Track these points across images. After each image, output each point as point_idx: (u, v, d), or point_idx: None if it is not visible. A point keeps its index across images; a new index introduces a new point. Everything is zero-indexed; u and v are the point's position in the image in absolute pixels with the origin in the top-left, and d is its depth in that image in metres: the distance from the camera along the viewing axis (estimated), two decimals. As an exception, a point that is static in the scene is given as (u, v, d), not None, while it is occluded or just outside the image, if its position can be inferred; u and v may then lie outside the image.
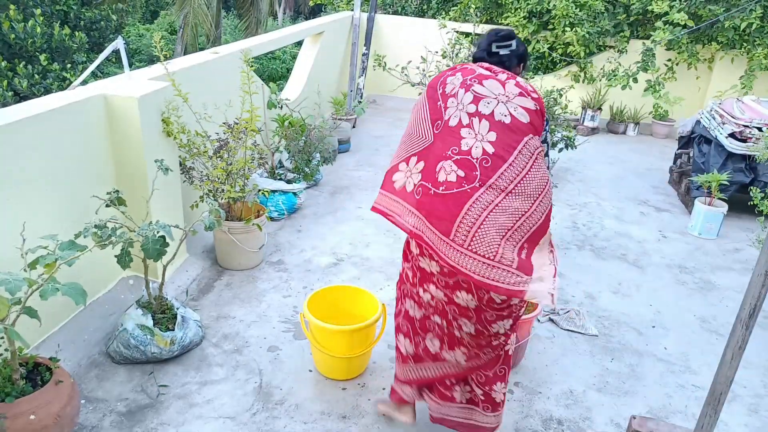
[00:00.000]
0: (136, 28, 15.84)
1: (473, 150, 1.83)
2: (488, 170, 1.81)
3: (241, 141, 3.35)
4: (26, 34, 7.34)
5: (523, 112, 1.87)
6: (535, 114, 1.89)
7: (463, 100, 1.90)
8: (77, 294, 1.91)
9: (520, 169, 1.83)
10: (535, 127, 1.89)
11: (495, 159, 1.82)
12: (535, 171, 1.85)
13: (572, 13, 6.73)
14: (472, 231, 1.75)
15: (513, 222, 1.78)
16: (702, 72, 7.06)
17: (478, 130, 1.85)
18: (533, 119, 1.88)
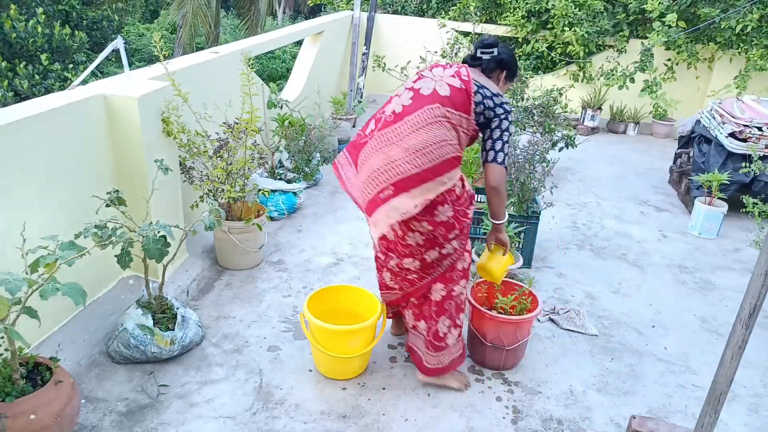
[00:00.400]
0: (136, 28, 15.84)
1: (387, 110, 2.33)
2: (387, 124, 2.28)
3: (241, 141, 3.35)
4: (27, 34, 7.34)
5: (445, 87, 2.27)
6: (458, 91, 2.26)
7: (410, 80, 2.39)
8: (77, 294, 1.91)
9: (412, 126, 2.22)
10: (453, 102, 2.25)
11: (396, 117, 2.27)
12: (425, 131, 2.21)
13: (571, 12, 6.72)
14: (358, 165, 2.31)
15: (381, 165, 2.21)
16: (702, 72, 7.05)
17: (401, 97, 2.32)
18: (454, 94, 2.26)
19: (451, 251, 2.42)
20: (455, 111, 2.27)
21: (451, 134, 2.27)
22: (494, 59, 2.40)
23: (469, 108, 2.29)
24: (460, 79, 2.30)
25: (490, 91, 2.34)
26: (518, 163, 3.62)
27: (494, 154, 2.35)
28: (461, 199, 2.39)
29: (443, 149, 2.23)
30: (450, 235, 2.37)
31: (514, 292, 2.81)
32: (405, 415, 2.45)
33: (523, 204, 3.57)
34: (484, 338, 2.68)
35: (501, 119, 2.33)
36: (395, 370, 2.72)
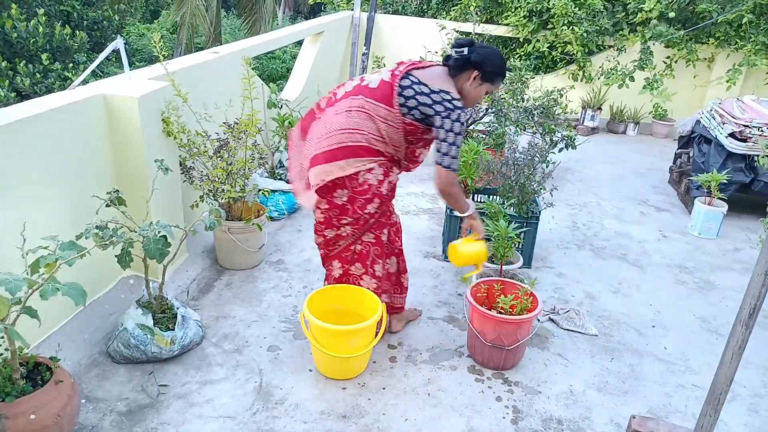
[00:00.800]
0: (137, 28, 15.85)
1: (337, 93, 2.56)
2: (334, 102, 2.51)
3: (241, 141, 3.35)
4: (28, 34, 7.34)
5: (377, 80, 2.46)
6: (384, 84, 2.44)
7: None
8: (77, 294, 1.92)
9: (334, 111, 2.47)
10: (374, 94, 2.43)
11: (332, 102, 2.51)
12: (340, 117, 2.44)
13: (571, 11, 6.73)
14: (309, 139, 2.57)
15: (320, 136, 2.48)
16: (701, 71, 7.05)
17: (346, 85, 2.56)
18: (380, 87, 2.43)
19: (345, 235, 2.60)
20: (375, 101, 2.41)
21: (366, 124, 2.42)
22: (463, 58, 2.42)
23: (391, 100, 2.40)
24: (392, 74, 2.44)
25: (430, 87, 2.39)
26: (518, 165, 3.62)
27: (440, 156, 2.41)
28: (362, 190, 2.47)
29: (351, 136, 2.41)
30: (343, 219, 2.54)
31: (514, 292, 2.81)
32: (405, 415, 2.45)
33: (523, 205, 3.57)
34: (485, 338, 2.68)
35: (442, 117, 2.37)
36: (395, 370, 2.72)
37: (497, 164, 3.71)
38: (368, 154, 2.45)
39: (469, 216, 2.66)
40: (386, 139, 2.48)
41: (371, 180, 2.48)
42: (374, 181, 2.49)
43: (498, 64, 2.47)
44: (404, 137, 2.51)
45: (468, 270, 2.73)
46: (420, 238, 4.08)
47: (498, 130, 5.02)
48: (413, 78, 2.42)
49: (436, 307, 3.26)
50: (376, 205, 2.53)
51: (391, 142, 2.50)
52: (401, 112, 2.43)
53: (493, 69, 2.46)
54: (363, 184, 2.47)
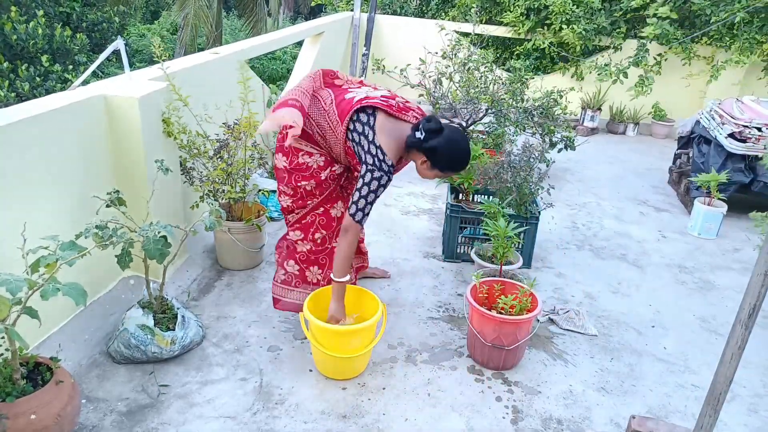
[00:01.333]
0: (137, 29, 15.86)
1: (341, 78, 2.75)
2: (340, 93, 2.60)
3: (241, 141, 3.35)
4: (28, 36, 7.35)
5: (356, 93, 2.53)
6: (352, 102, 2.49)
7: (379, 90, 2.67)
8: (78, 294, 1.92)
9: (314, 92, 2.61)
10: (341, 101, 2.53)
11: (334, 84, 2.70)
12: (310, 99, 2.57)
13: (569, 9, 6.74)
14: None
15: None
16: (701, 71, 7.06)
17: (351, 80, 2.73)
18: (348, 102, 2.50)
19: (284, 206, 2.74)
20: (335, 107, 2.50)
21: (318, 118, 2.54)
22: (416, 143, 2.43)
23: (344, 118, 2.46)
24: (357, 99, 2.46)
25: (375, 137, 2.40)
26: (515, 168, 3.62)
27: (351, 203, 2.45)
28: (301, 168, 2.63)
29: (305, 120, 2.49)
30: (281, 184, 2.71)
31: (514, 293, 2.81)
32: (405, 415, 2.45)
33: (521, 206, 3.57)
34: (485, 338, 2.68)
35: (366, 169, 2.39)
36: (395, 370, 2.73)
37: (494, 169, 3.70)
38: (311, 141, 2.59)
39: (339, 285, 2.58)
40: (326, 141, 2.56)
41: (310, 163, 2.63)
42: (313, 165, 2.63)
43: (449, 161, 2.47)
44: (345, 155, 2.56)
45: None
46: (420, 238, 4.09)
47: (497, 131, 5.02)
48: (372, 118, 2.44)
49: (436, 307, 3.26)
50: (311, 185, 2.65)
51: (330, 147, 2.57)
52: (346, 135, 2.49)
53: (441, 164, 2.47)
54: (301, 164, 2.63)
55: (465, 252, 3.76)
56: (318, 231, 2.77)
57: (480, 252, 3.48)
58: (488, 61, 5.32)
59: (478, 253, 3.47)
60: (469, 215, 3.63)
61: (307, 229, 2.77)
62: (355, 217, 2.45)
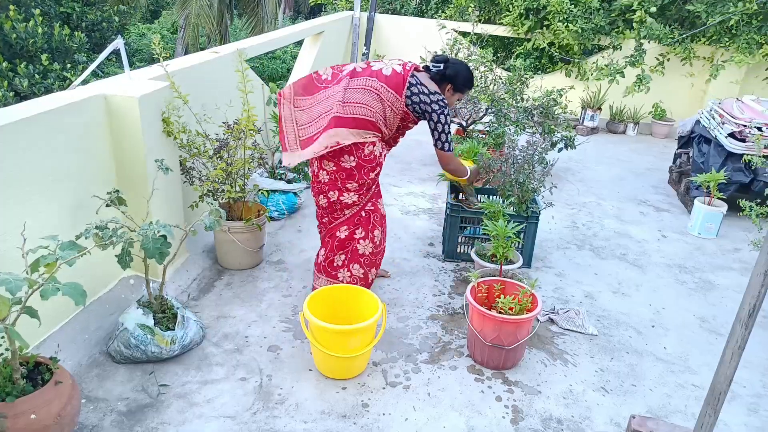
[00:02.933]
0: (137, 28, 15.85)
1: (345, 69, 2.96)
2: (350, 76, 2.87)
3: (241, 141, 3.35)
4: (27, 34, 7.35)
5: (390, 69, 2.88)
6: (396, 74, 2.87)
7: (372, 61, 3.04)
8: (77, 294, 1.92)
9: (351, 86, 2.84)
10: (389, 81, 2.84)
11: (349, 75, 2.88)
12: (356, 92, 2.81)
13: (567, 8, 6.74)
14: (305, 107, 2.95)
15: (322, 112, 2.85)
16: (698, 70, 7.06)
17: (357, 66, 2.94)
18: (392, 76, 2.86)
19: (350, 202, 2.93)
20: (388, 87, 2.83)
21: (375, 104, 2.82)
22: (439, 73, 2.94)
23: (401, 90, 2.84)
24: (404, 68, 2.88)
25: (428, 89, 2.89)
26: (517, 164, 3.62)
27: (440, 143, 2.99)
28: (369, 159, 2.88)
29: (361, 110, 2.79)
30: (348, 183, 2.88)
31: (514, 292, 2.81)
32: (405, 415, 2.45)
33: (522, 204, 3.57)
34: (485, 338, 2.68)
35: (437, 114, 2.89)
36: (395, 370, 2.73)
37: (497, 162, 3.71)
38: (373, 129, 2.85)
39: (472, 173, 3.37)
40: (387, 121, 2.89)
41: (376, 152, 2.89)
42: (378, 152, 2.91)
43: (466, 78, 3.01)
44: (399, 122, 2.94)
45: None
46: (420, 238, 4.08)
47: (498, 130, 5.02)
48: (417, 78, 2.89)
49: (436, 307, 3.26)
50: (377, 173, 2.96)
51: (389, 125, 2.92)
52: (405, 103, 2.87)
53: (462, 82, 3.01)
54: (369, 154, 2.87)
55: (465, 252, 3.76)
56: (376, 228, 3.05)
57: (480, 252, 3.48)
58: (488, 60, 5.32)
59: (478, 253, 3.47)
60: (469, 215, 3.63)
61: (366, 226, 3.01)
62: (450, 149, 3.02)
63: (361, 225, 3.00)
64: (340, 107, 2.76)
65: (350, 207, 2.96)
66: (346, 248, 3.02)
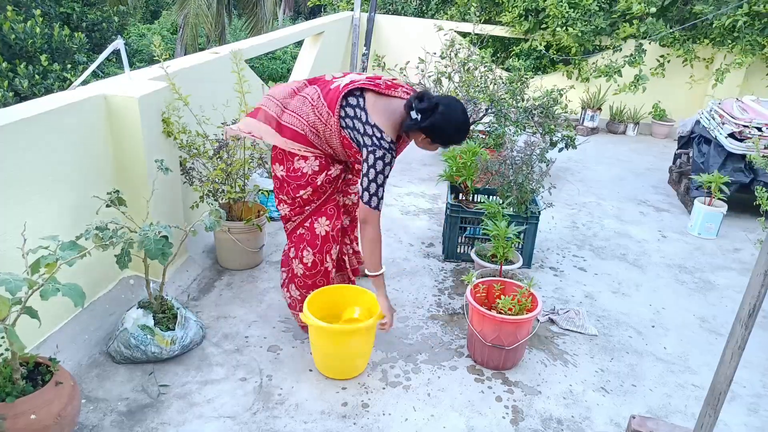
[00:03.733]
0: (137, 28, 15.85)
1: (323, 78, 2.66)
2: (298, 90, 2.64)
3: (241, 141, 3.35)
4: (26, 35, 7.35)
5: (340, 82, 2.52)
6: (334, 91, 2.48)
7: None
8: (77, 295, 1.92)
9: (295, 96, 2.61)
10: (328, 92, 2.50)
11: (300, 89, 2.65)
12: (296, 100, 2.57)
13: (565, 12, 6.74)
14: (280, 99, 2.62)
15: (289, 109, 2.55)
16: (700, 71, 7.06)
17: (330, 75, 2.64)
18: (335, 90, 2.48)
19: (284, 214, 2.70)
20: (323, 99, 2.47)
21: (309, 116, 2.49)
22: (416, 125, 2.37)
23: (334, 106, 2.43)
24: (343, 85, 2.45)
25: (367, 117, 2.38)
26: (516, 164, 3.62)
27: (361, 190, 2.43)
28: (295, 175, 2.57)
29: (292, 119, 2.52)
30: (280, 194, 2.66)
31: (513, 293, 2.81)
32: (405, 415, 2.45)
33: (522, 204, 3.57)
34: (484, 338, 2.68)
35: (368, 151, 2.37)
36: (395, 370, 2.73)
37: (495, 163, 3.71)
38: (305, 143, 2.51)
39: (376, 277, 2.55)
40: (321, 137, 2.51)
41: (305, 168, 2.56)
42: (308, 170, 2.56)
43: (450, 135, 2.44)
44: (342, 147, 2.51)
45: None
46: (420, 238, 4.08)
47: (498, 131, 5.02)
48: (361, 100, 2.42)
49: (436, 307, 3.26)
50: (308, 193, 2.60)
51: (327, 142, 2.53)
52: (340, 124, 2.45)
53: (443, 139, 2.47)
54: (297, 170, 2.56)
55: (465, 252, 3.76)
56: (305, 249, 2.69)
57: (480, 252, 3.48)
58: (487, 60, 5.32)
59: (478, 253, 3.47)
60: (469, 215, 3.63)
61: (298, 245, 2.70)
62: (371, 204, 2.41)
63: (294, 244, 2.72)
64: (281, 112, 2.55)
65: (287, 220, 2.73)
66: (288, 265, 2.79)
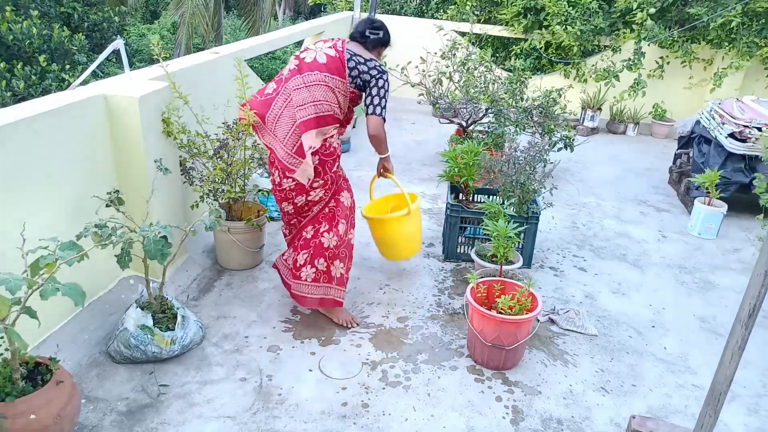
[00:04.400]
0: (137, 29, 15.84)
1: (283, 73, 2.87)
2: (285, 82, 2.81)
3: (241, 141, 3.35)
4: (24, 35, 7.34)
5: (323, 56, 2.80)
6: (332, 59, 2.79)
7: (297, 52, 2.90)
8: (77, 295, 1.92)
9: (295, 86, 2.77)
10: (329, 68, 2.78)
11: (284, 80, 2.82)
12: (305, 91, 2.75)
13: (564, 11, 6.73)
14: (274, 120, 2.81)
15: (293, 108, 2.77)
16: (698, 72, 7.06)
17: (289, 65, 2.87)
18: (330, 62, 2.78)
19: (317, 199, 2.92)
20: (331, 75, 2.78)
21: (328, 95, 2.78)
22: (380, 41, 2.94)
23: (344, 73, 2.79)
24: (335, 49, 2.81)
25: (363, 57, 2.84)
26: (518, 165, 3.62)
27: (373, 107, 2.86)
28: (330, 152, 2.86)
29: (321, 107, 2.77)
30: (314, 183, 2.85)
31: (513, 293, 2.81)
32: (405, 415, 2.45)
33: (523, 205, 3.57)
34: (485, 338, 2.68)
35: (376, 79, 2.83)
36: (395, 370, 2.73)
37: (498, 163, 3.72)
38: (333, 122, 2.84)
39: (386, 158, 3.17)
40: (342, 108, 2.87)
41: (335, 143, 2.88)
42: (336, 144, 2.90)
43: (390, 36, 3.01)
44: (347, 103, 2.93)
45: None
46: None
47: (498, 131, 5.02)
48: (350, 51, 2.84)
49: (436, 307, 3.26)
50: (337, 165, 2.95)
51: (343, 110, 2.90)
52: (350, 83, 2.83)
53: (389, 43, 3.03)
54: (329, 147, 2.85)
55: (465, 252, 3.76)
56: (340, 222, 2.99)
57: (480, 252, 3.48)
58: (486, 60, 5.32)
59: (478, 253, 3.47)
60: (469, 215, 3.63)
61: (330, 220, 2.97)
62: (382, 115, 2.89)
63: (325, 220, 2.96)
64: (300, 111, 2.73)
65: (317, 203, 2.95)
66: (310, 246, 2.95)
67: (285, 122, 2.78)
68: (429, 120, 6.79)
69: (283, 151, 2.79)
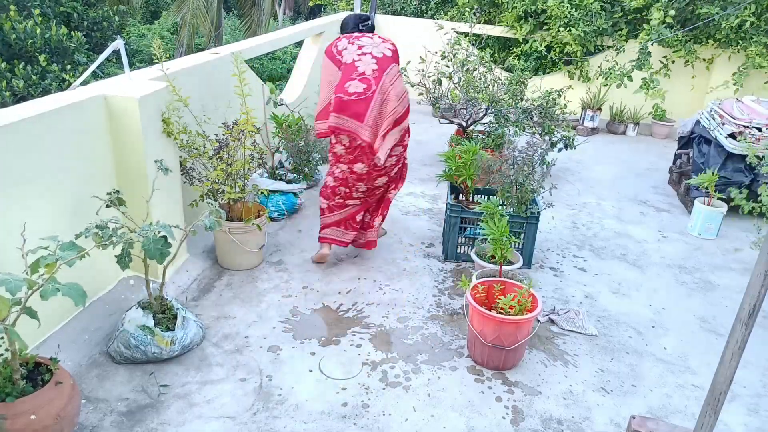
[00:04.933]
0: (137, 29, 15.84)
1: (366, 71, 3.19)
2: (376, 81, 3.18)
3: (241, 141, 3.35)
4: (26, 35, 7.34)
5: (387, 51, 3.31)
6: (393, 52, 3.35)
7: (351, 48, 3.28)
8: (77, 295, 1.92)
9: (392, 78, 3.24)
10: (394, 60, 3.32)
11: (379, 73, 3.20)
12: (398, 83, 3.27)
13: (567, 12, 6.72)
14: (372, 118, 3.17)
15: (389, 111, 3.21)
16: (700, 71, 7.06)
17: (363, 61, 3.22)
18: (393, 55, 3.33)
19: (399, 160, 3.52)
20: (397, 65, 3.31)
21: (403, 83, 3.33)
22: (368, 29, 3.46)
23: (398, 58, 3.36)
24: (389, 43, 3.36)
25: (392, 44, 3.40)
26: (517, 165, 3.62)
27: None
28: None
29: (407, 97, 3.32)
30: (405, 153, 3.54)
31: (513, 293, 2.81)
32: (405, 415, 2.45)
33: (522, 205, 3.57)
34: (485, 338, 2.68)
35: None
36: (395, 370, 2.73)
37: (497, 163, 3.72)
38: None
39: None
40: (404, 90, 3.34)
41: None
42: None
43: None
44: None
45: None
46: (420, 239, 4.08)
47: (497, 131, 5.02)
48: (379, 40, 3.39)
49: (436, 307, 3.26)
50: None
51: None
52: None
53: (373, 27, 3.53)
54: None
55: (465, 252, 3.76)
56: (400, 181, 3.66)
57: (480, 252, 3.48)
58: (486, 60, 5.32)
59: (478, 254, 3.47)
60: (469, 215, 3.63)
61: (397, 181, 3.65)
62: None
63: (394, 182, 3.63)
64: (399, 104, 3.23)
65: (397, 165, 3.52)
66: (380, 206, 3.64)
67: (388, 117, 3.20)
68: (429, 120, 6.80)
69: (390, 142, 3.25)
